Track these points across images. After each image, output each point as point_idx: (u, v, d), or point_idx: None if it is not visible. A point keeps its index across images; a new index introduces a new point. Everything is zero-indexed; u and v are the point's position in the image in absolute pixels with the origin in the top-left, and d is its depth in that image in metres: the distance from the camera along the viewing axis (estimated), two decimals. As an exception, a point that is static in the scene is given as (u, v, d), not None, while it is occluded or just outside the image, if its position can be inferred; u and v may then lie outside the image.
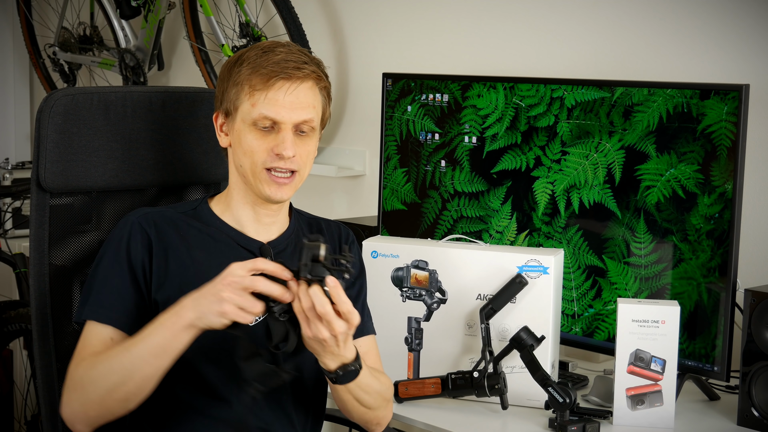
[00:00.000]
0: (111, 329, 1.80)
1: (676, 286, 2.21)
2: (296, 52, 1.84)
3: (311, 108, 1.84)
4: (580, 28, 2.76)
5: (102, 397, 1.72)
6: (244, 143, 1.83)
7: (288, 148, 1.81)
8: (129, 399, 1.72)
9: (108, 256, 1.84)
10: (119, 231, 1.85)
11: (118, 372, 1.70)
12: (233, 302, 1.63)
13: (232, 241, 1.89)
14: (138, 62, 3.95)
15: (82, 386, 1.73)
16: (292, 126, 1.82)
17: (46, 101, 1.98)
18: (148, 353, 1.69)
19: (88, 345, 1.79)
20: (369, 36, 3.32)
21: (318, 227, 2.01)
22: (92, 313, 1.81)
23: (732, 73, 2.46)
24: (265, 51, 1.83)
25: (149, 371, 1.70)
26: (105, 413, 1.74)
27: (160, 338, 1.68)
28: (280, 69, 1.80)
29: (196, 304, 1.67)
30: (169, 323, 1.68)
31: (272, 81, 1.80)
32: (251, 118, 1.82)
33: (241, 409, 1.82)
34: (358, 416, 1.91)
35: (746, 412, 2.08)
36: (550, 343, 2.13)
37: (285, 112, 1.81)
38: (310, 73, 1.83)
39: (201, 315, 1.66)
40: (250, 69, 1.82)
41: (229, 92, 1.85)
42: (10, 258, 3.59)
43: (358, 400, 1.84)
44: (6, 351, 3.77)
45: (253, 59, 1.82)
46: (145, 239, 1.84)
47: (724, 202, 2.13)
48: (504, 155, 2.45)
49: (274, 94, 1.81)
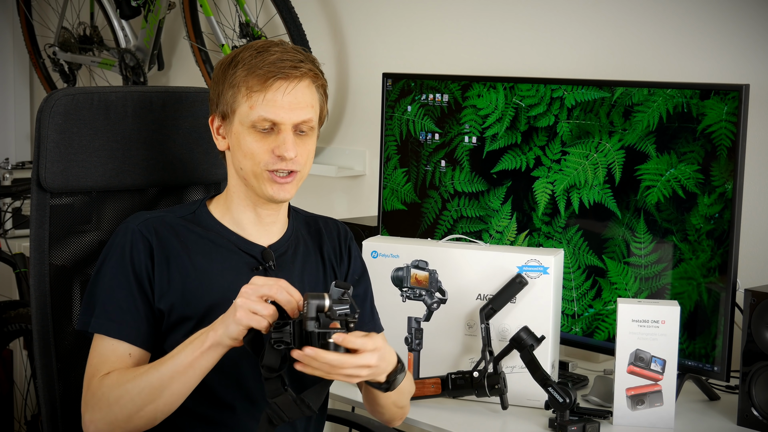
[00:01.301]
0: (126, 345, 1.79)
1: (676, 286, 2.21)
2: (291, 51, 1.82)
3: (310, 107, 1.82)
4: (580, 28, 2.76)
5: (130, 416, 1.72)
6: (243, 146, 1.82)
7: (290, 149, 1.80)
8: (156, 417, 1.73)
9: (111, 266, 1.82)
10: (120, 239, 1.84)
11: (146, 391, 1.70)
12: (245, 306, 1.63)
13: (233, 245, 1.88)
14: (138, 62, 3.95)
15: (108, 405, 1.73)
16: (292, 126, 1.81)
17: (47, 101, 1.98)
18: (176, 371, 1.69)
19: (107, 361, 1.78)
20: (369, 36, 3.32)
21: (316, 225, 2.00)
22: (100, 326, 1.79)
23: (732, 73, 2.46)
24: (259, 51, 1.81)
25: (178, 388, 1.70)
26: (131, 430, 1.74)
27: (189, 356, 1.69)
28: (277, 69, 1.79)
29: (221, 319, 1.68)
30: (197, 342, 1.69)
31: (269, 82, 1.79)
32: (250, 121, 1.80)
33: (244, 416, 1.82)
34: (390, 416, 1.92)
35: (746, 412, 2.08)
36: (550, 343, 2.13)
37: (284, 112, 1.79)
38: (307, 71, 1.81)
39: (225, 328, 1.66)
40: (245, 70, 1.80)
41: (225, 95, 1.82)
42: (10, 258, 3.59)
43: (396, 403, 1.87)
44: (6, 351, 3.77)
45: (248, 60, 1.80)
46: (146, 247, 1.82)
47: (724, 202, 2.13)
48: (504, 155, 2.45)
49: (272, 95, 1.79)
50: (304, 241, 1.96)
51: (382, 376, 1.72)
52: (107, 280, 1.82)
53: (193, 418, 1.82)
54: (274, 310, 1.64)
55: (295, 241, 1.94)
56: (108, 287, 1.81)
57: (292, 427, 1.89)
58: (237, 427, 1.83)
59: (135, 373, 1.73)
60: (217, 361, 1.70)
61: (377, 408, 1.89)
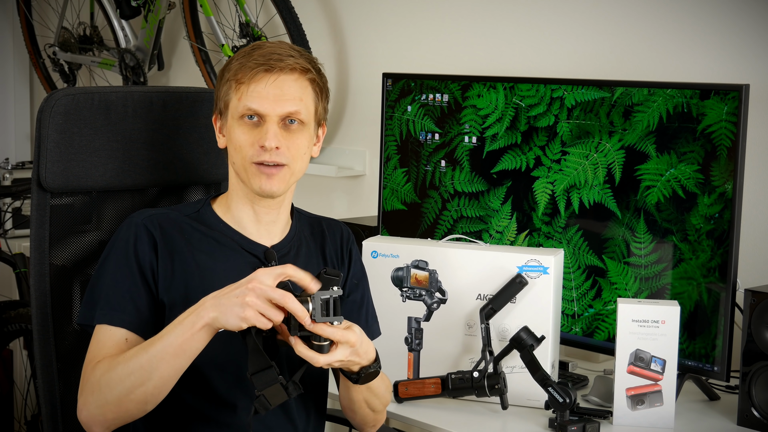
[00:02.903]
0: (124, 331, 1.79)
1: (676, 286, 2.21)
2: (284, 47, 1.84)
3: (297, 100, 1.82)
4: (580, 28, 2.76)
5: (120, 398, 1.71)
6: (233, 138, 1.84)
7: (270, 139, 1.79)
8: (147, 401, 1.71)
9: (115, 258, 1.82)
10: (124, 233, 1.84)
11: (136, 373, 1.69)
12: (256, 307, 1.62)
13: (236, 245, 1.88)
14: (138, 62, 3.95)
15: (99, 389, 1.72)
16: (278, 118, 1.81)
17: (47, 101, 1.98)
18: (166, 352, 1.68)
19: (103, 348, 1.78)
20: (369, 36, 3.32)
21: (319, 227, 2.00)
22: (103, 316, 1.79)
23: (732, 73, 2.46)
24: (254, 48, 1.84)
25: (167, 371, 1.68)
26: (123, 415, 1.73)
27: (179, 337, 1.67)
28: (263, 60, 1.80)
29: (217, 303, 1.65)
30: (188, 322, 1.67)
31: (254, 72, 1.80)
32: (238, 113, 1.82)
33: (245, 415, 1.82)
34: (361, 417, 1.91)
35: (746, 412, 2.08)
36: (550, 343, 2.13)
37: (268, 103, 1.80)
38: (294, 64, 1.82)
39: (220, 314, 1.64)
40: (238, 65, 1.83)
41: (221, 90, 1.86)
42: (10, 258, 3.59)
43: (368, 402, 1.87)
44: (6, 351, 3.77)
45: (241, 56, 1.84)
46: (151, 241, 1.83)
47: (724, 202, 2.13)
48: (504, 155, 2.45)
49: (256, 86, 1.80)
50: (306, 242, 1.96)
51: (354, 366, 1.75)
52: (111, 272, 1.82)
53: (194, 416, 1.83)
54: (283, 315, 1.63)
55: (298, 242, 1.94)
56: (112, 280, 1.81)
57: (293, 426, 1.89)
58: (238, 427, 1.83)
59: (125, 356, 1.72)
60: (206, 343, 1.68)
61: (347, 403, 1.90)
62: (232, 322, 1.63)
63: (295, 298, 1.63)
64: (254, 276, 1.64)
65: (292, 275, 1.65)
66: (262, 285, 1.63)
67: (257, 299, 1.62)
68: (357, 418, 1.93)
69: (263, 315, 1.62)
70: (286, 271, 1.65)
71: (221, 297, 1.65)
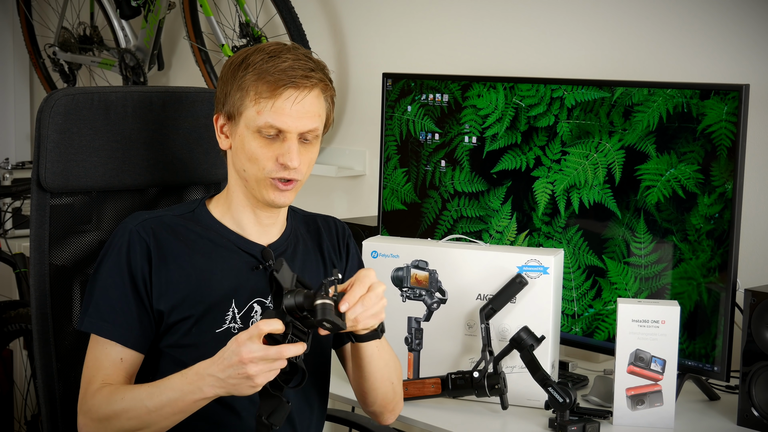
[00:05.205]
0: (119, 348, 1.80)
1: (676, 286, 2.21)
2: (303, 59, 1.80)
3: (317, 117, 1.81)
4: (580, 28, 2.76)
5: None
6: (247, 149, 1.81)
7: (294, 159, 1.79)
8: None
9: (107, 266, 1.83)
10: (118, 240, 1.84)
11: (135, 420, 1.73)
12: (262, 374, 1.63)
13: (233, 245, 1.88)
14: (138, 62, 3.95)
15: (99, 420, 1.76)
16: (298, 135, 1.80)
17: (47, 101, 1.98)
18: (166, 411, 1.71)
19: (101, 367, 1.80)
20: (369, 36, 3.32)
21: (315, 224, 2.00)
22: (92, 325, 1.81)
23: (732, 73, 2.46)
24: (271, 56, 1.79)
25: (167, 423, 1.73)
26: None
27: (178, 402, 1.70)
28: (287, 78, 1.77)
29: (221, 384, 1.66)
30: (190, 395, 1.69)
31: (280, 90, 1.77)
32: (256, 126, 1.79)
33: (251, 421, 1.82)
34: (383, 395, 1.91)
35: (746, 412, 2.08)
36: (550, 343, 2.13)
37: (291, 121, 1.78)
38: (318, 81, 1.80)
39: (230, 391, 1.66)
40: (255, 75, 1.78)
41: (233, 96, 1.81)
42: (10, 258, 3.59)
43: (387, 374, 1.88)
44: (6, 351, 3.77)
45: (259, 64, 1.79)
46: (143, 249, 1.82)
47: (724, 202, 2.13)
48: (504, 155, 2.45)
49: (282, 103, 1.78)
50: (303, 239, 1.96)
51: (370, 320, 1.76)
52: (102, 280, 1.83)
53: (198, 419, 1.82)
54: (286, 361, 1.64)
55: (295, 240, 1.94)
56: (103, 287, 1.82)
57: (292, 427, 1.89)
58: (242, 429, 1.83)
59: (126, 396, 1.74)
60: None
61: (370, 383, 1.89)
62: (246, 392, 1.66)
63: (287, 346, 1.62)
64: (239, 350, 1.63)
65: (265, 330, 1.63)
66: (255, 354, 1.61)
67: (258, 366, 1.62)
68: (378, 400, 1.92)
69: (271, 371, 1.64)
70: (261, 328, 1.62)
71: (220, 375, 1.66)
